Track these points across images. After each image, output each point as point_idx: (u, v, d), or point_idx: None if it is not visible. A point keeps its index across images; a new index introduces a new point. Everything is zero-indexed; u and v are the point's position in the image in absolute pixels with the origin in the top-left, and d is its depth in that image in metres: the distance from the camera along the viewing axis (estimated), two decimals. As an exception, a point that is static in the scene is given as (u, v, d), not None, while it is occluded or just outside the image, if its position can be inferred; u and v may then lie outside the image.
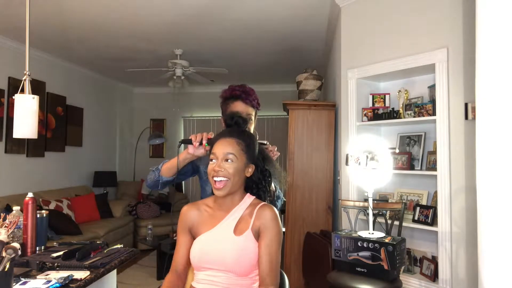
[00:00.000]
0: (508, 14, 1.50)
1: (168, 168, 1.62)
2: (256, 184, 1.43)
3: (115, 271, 1.74)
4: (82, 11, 3.46)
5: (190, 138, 1.54)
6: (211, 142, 1.43)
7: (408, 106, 2.70)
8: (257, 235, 1.33)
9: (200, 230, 1.38)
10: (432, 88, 2.63)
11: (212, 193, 1.41)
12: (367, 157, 2.22)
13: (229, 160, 1.33)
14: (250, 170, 1.39)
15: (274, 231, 1.32)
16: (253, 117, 1.79)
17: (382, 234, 2.15)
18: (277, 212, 1.36)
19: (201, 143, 1.51)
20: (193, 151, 1.54)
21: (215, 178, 1.33)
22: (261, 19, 3.65)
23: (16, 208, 1.74)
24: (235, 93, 1.76)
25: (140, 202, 5.75)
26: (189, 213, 1.43)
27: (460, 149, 2.38)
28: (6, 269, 1.15)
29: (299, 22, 3.73)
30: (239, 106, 1.74)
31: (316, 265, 2.96)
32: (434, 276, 2.48)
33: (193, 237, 1.40)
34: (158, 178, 1.64)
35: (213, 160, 1.36)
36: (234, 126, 1.45)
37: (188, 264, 1.41)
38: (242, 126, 1.45)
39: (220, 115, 1.76)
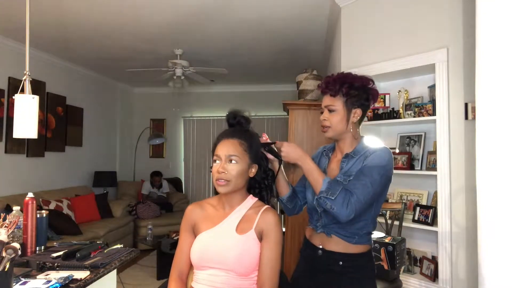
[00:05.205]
0: (508, 14, 1.50)
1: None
2: (259, 184, 1.43)
3: (115, 271, 1.74)
4: (82, 11, 3.46)
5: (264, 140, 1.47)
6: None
7: (408, 106, 2.70)
8: (260, 237, 1.32)
9: (202, 227, 1.38)
10: (432, 88, 2.63)
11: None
12: (367, 157, 2.21)
13: (232, 161, 1.32)
14: (253, 170, 1.38)
15: (276, 236, 1.32)
16: (336, 107, 1.48)
17: (382, 234, 2.15)
18: (278, 217, 1.36)
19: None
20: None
21: (219, 181, 1.32)
22: (261, 19, 3.65)
23: (16, 208, 1.74)
24: (321, 89, 1.55)
25: (140, 202, 5.74)
26: (192, 212, 1.42)
27: (460, 149, 2.37)
28: (6, 269, 1.15)
29: (299, 22, 3.73)
30: (326, 100, 1.51)
31: (316, 265, 2.95)
32: (434, 276, 2.48)
33: (195, 236, 1.39)
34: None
35: (217, 161, 1.35)
36: (236, 126, 1.42)
37: (191, 264, 1.40)
38: (245, 125, 1.42)
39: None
